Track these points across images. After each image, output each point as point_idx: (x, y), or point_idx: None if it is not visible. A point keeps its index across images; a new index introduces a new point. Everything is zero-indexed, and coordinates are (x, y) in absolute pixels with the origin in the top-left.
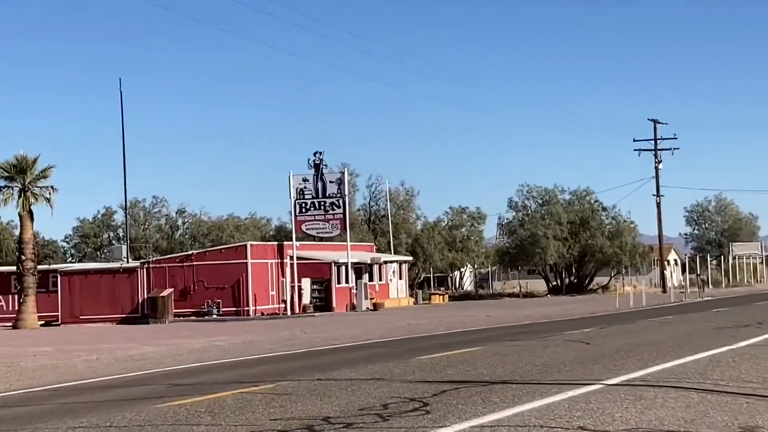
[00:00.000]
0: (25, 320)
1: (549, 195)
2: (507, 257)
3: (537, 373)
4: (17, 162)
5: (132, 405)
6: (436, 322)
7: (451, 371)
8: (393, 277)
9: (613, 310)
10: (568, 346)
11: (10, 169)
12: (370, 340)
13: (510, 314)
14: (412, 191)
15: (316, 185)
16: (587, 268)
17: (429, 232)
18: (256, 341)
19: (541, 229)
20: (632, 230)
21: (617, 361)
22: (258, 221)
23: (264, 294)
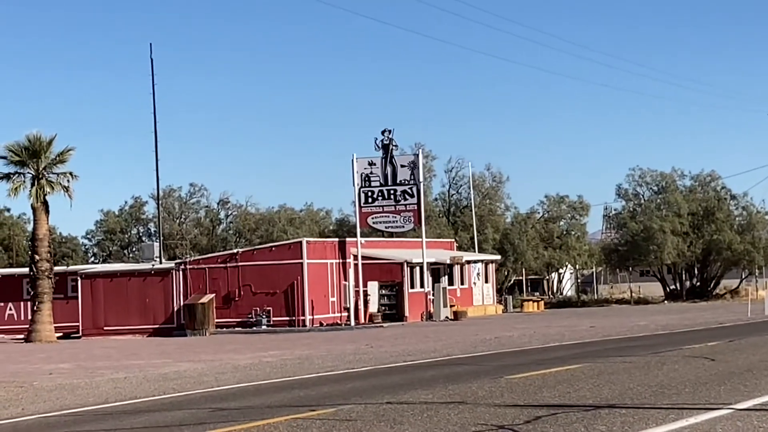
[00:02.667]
0: (40, 332)
1: (666, 181)
2: (615, 256)
3: (651, 396)
4: (29, 143)
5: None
6: (529, 334)
7: (548, 393)
8: (477, 280)
9: (744, 319)
10: (688, 363)
11: (21, 152)
12: (450, 355)
13: (618, 324)
14: (500, 177)
15: (384, 170)
16: (713, 268)
17: (520, 225)
18: (314, 357)
19: (656, 221)
20: (767, 223)
21: (749, 380)
22: (315, 214)
23: (323, 300)
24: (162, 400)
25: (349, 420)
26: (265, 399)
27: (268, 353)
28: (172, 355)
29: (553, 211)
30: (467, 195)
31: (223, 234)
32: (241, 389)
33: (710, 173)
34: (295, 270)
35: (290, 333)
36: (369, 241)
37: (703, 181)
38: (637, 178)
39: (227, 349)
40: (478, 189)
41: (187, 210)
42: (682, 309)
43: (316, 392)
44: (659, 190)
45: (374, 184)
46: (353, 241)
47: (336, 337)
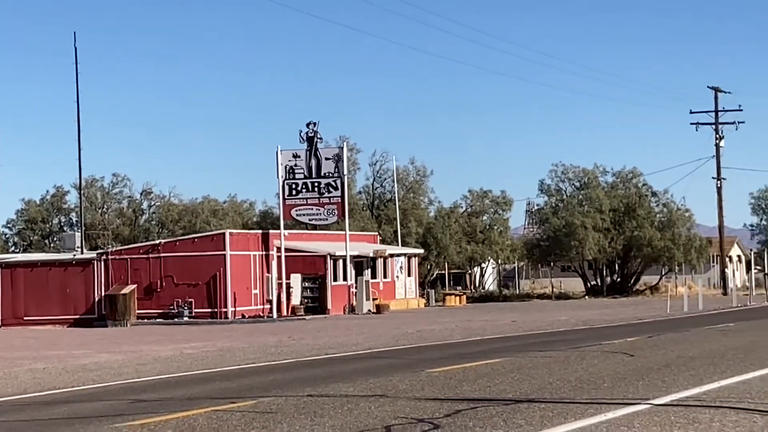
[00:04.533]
0: None
1: (588, 177)
2: (537, 251)
3: (570, 390)
4: None
5: (84, 424)
6: (451, 328)
7: (468, 387)
8: (400, 274)
9: (664, 315)
10: (608, 358)
11: None
12: (372, 348)
13: (540, 319)
14: (424, 171)
15: (309, 163)
16: (633, 264)
17: (444, 220)
18: (235, 349)
19: (578, 217)
20: (687, 220)
21: (667, 376)
22: (239, 205)
23: (245, 292)
24: (81, 391)
25: (270, 412)
26: (186, 391)
27: (190, 345)
28: (92, 345)
29: (477, 205)
30: (391, 188)
31: (145, 225)
32: (162, 381)
33: (632, 170)
34: (217, 262)
35: (212, 325)
36: (292, 234)
37: (625, 178)
38: (560, 174)
39: (148, 341)
40: (402, 183)
41: (109, 200)
42: (603, 304)
43: (237, 384)
44: (581, 186)
45: (298, 176)
46: (276, 234)
47: (258, 330)
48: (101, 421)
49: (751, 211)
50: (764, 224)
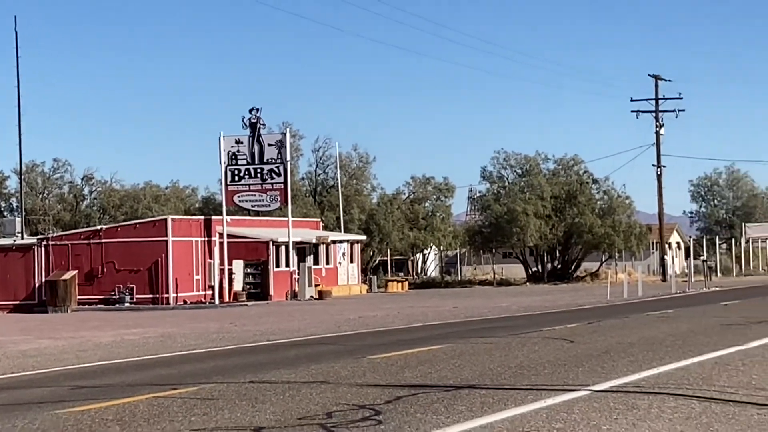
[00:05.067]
0: None
1: (530, 164)
2: (479, 238)
3: (511, 377)
4: None
5: (24, 411)
6: (393, 315)
7: (409, 373)
8: (343, 260)
9: (604, 302)
10: (548, 345)
11: None
12: (314, 335)
13: (481, 305)
14: (367, 157)
15: (251, 149)
16: (574, 251)
17: (386, 206)
18: (177, 335)
19: (519, 204)
20: (627, 207)
21: (606, 362)
22: (181, 191)
23: (187, 278)
24: (21, 377)
25: (211, 399)
26: (127, 377)
27: (131, 331)
28: (32, 331)
29: (419, 192)
30: (334, 175)
31: (86, 210)
32: (103, 367)
33: (573, 157)
34: (159, 247)
35: (154, 311)
36: (235, 220)
37: (566, 165)
38: (502, 161)
39: (89, 327)
40: (345, 169)
41: (50, 185)
42: (544, 291)
43: (178, 371)
44: (523, 173)
45: (241, 162)
46: (219, 220)
47: (200, 315)
48: (41, 408)
49: (690, 198)
50: (703, 211)
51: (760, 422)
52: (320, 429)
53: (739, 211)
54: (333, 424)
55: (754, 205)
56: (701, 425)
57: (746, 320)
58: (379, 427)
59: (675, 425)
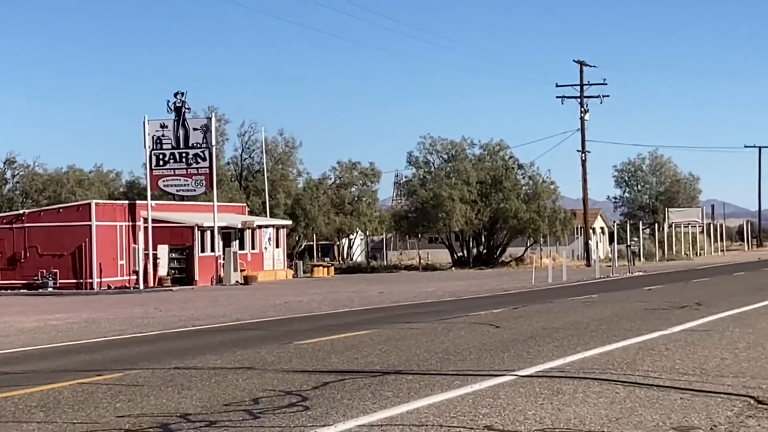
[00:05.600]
0: None
1: (456, 149)
2: (405, 223)
3: (437, 362)
4: None
5: None
6: (319, 300)
7: (336, 359)
8: (268, 245)
9: (529, 287)
10: (474, 330)
11: None
12: (240, 320)
13: (407, 290)
14: (293, 142)
15: (176, 133)
16: (499, 236)
17: (312, 191)
18: (101, 320)
19: (445, 189)
20: (552, 192)
21: (532, 347)
22: (105, 175)
23: (111, 263)
24: None
25: (136, 385)
26: (50, 363)
27: (54, 316)
28: None
29: (345, 177)
30: (260, 160)
31: (9, 194)
32: (26, 353)
33: (499, 143)
34: (83, 232)
35: (77, 296)
36: (160, 204)
37: (492, 151)
38: (428, 146)
39: (12, 312)
40: (270, 154)
41: None
42: (469, 276)
43: (103, 356)
44: (449, 159)
45: (166, 146)
46: (144, 204)
47: (124, 301)
48: None
49: (614, 183)
50: (627, 197)
51: (684, 406)
52: (247, 415)
53: (663, 196)
54: (260, 411)
55: (677, 191)
56: (625, 410)
57: (669, 305)
58: (306, 414)
59: (599, 410)
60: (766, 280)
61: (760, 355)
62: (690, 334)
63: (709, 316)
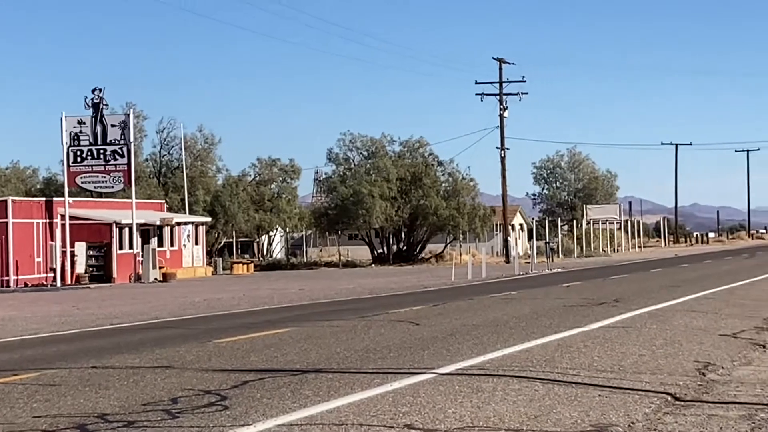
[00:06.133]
0: None
1: (376, 146)
2: (325, 219)
3: (357, 360)
4: None
5: None
6: (238, 297)
7: (255, 358)
8: (187, 242)
9: (449, 284)
10: (394, 327)
11: None
12: (159, 318)
13: (327, 287)
14: (212, 139)
15: (94, 129)
16: (419, 233)
17: (232, 188)
18: (17, 318)
19: (365, 186)
20: (472, 189)
21: (452, 345)
22: (22, 172)
23: (28, 261)
24: None
25: (53, 385)
26: None
27: None
28: None
29: (265, 174)
30: (179, 156)
31: None
32: None
33: (419, 140)
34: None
35: None
36: (77, 201)
37: (412, 147)
38: (348, 143)
39: None
40: (189, 150)
41: None
42: (389, 272)
43: (19, 355)
44: (369, 156)
45: (84, 143)
46: (61, 201)
47: (41, 299)
48: None
49: (533, 180)
50: (546, 193)
51: (602, 404)
52: (165, 415)
53: (581, 192)
54: (178, 410)
55: (595, 187)
56: (544, 407)
57: (587, 301)
58: (225, 413)
59: (519, 407)
60: (682, 276)
61: (676, 351)
62: (608, 330)
63: (626, 312)
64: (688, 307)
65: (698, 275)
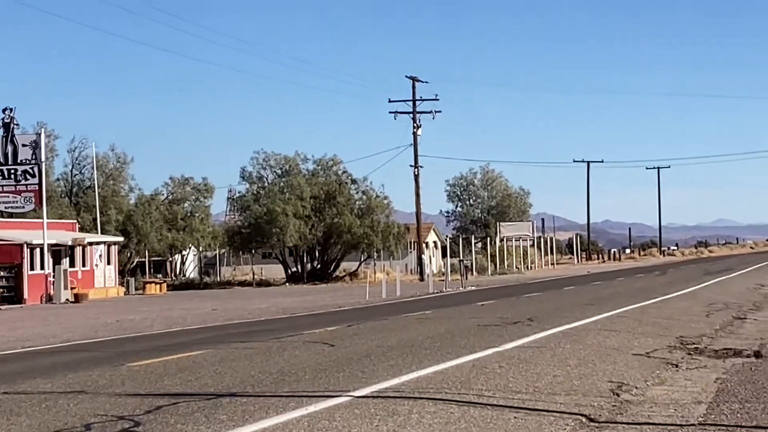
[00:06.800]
0: None
1: (290, 164)
2: (238, 238)
3: (272, 383)
4: None
5: None
6: (151, 318)
7: (169, 381)
8: (99, 262)
9: (363, 303)
10: (309, 349)
11: None
12: (71, 341)
13: (241, 307)
14: (125, 158)
15: (5, 149)
16: (333, 251)
17: (144, 207)
18: None
19: (279, 204)
20: (386, 207)
21: (367, 367)
22: None
23: None
24: None
25: None
26: None
27: None
28: None
29: (178, 192)
30: (91, 175)
31: None
32: None
33: (332, 158)
34: None
35: None
36: None
37: (326, 165)
38: (262, 162)
39: None
40: (102, 170)
41: None
42: (303, 291)
43: None
44: (283, 174)
45: None
46: None
47: None
48: None
49: (447, 198)
50: (459, 211)
51: (517, 426)
52: None
53: (494, 210)
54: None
55: (508, 205)
56: (460, 430)
57: (502, 321)
58: None
59: (435, 430)
60: (595, 294)
61: (590, 371)
62: (523, 350)
63: (541, 332)
64: (602, 325)
65: (611, 293)
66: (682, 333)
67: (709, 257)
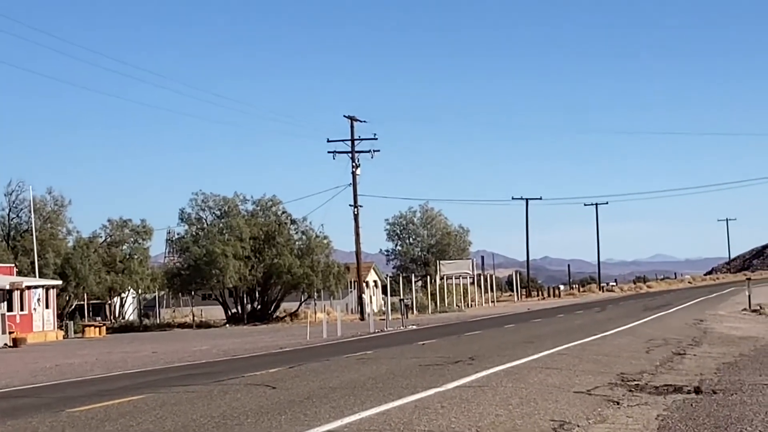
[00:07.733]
0: None
1: (229, 205)
2: (178, 280)
3: (214, 427)
4: None
5: None
6: (91, 362)
7: (111, 427)
8: (38, 306)
9: (304, 343)
10: (250, 392)
11: None
12: (9, 386)
13: (181, 349)
14: (63, 201)
15: None
16: (273, 291)
17: (83, 250)
18: None
19: (219, 246)
20: (326, 247)
21: (309, 409)
22: None
23: None
24: None
25: None
26: None
27: None
28: None
29: (116, 235)
30: (28, 219)
31: None
32: None
33: (272, 198)
34: None
35: None
36: None
37: (265, 206)
38: (200, 203)
39: None
40: (39, 213)
41: None
42: (244, 332)
43: None
44: (222, 215)
45: None
46: None
47: None
48: None
49: (386, 236)
50: (399, 249)
51: None
52: None
53: (434, 248)
54: None
55: (448, 243)
56: None
57: (443, 360)
58: None
59: None
60: (535, 332)
61: (532, 410)
62: (464, 390)
63: (482, 371)
64: (543, 363)
65: (552, 330)
66: (622, 370)
67: (647, 292)
